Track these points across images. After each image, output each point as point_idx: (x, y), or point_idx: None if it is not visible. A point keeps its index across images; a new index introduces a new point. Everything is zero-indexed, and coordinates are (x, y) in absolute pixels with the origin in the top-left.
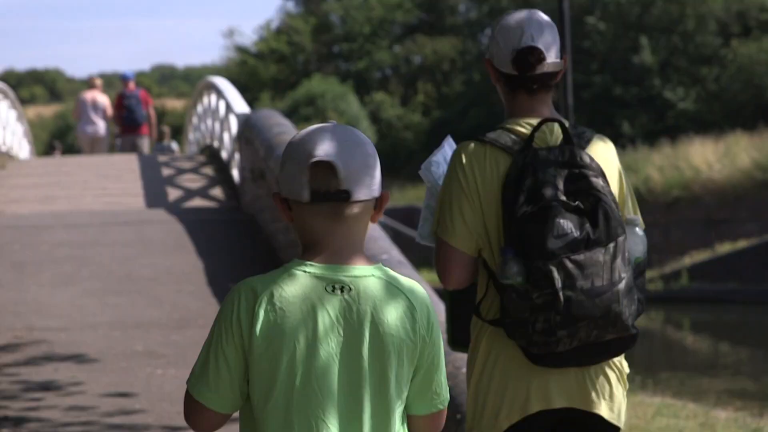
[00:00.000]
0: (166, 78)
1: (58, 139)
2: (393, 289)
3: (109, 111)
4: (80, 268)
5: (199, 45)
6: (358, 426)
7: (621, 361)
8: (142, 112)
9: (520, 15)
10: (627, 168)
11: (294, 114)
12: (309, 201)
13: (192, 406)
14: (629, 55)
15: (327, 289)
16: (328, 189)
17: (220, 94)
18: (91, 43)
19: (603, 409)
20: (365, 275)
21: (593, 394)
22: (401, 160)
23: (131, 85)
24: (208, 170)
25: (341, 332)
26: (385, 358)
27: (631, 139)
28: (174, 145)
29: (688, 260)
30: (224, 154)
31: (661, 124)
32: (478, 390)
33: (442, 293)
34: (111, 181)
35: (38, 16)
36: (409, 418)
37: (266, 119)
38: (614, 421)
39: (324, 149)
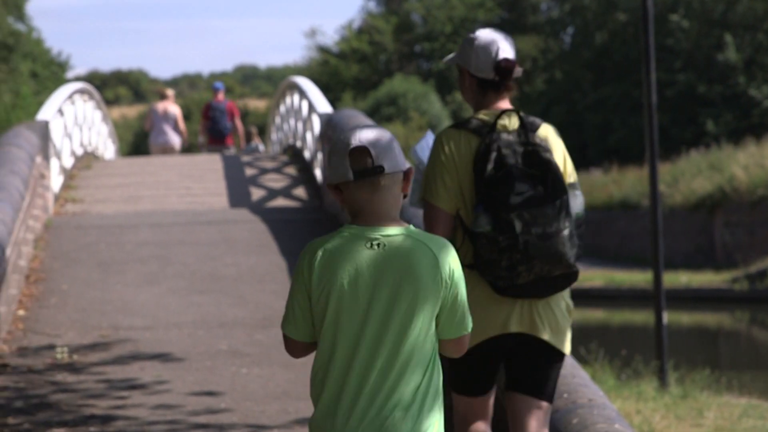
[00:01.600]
0: (248, 78)
1: (141, 140)
2: (419, 243)
3: (181, 122)
4: (165, 268)
5: (281, 45)
6: (385, 347)
7: (567, 300)
8: (226, 123)
9: (491, 33)
10: (711, 167)
11: (376, 114)
12: (353, 179)
13: (284, 340)
14: (713, 52)
15: (365, 245)
16: (366, 167)
17: (302, 94)
18: (174, 43)
19: (547, 335)
20: (396, 234)
21: (540, 323)
22: None
23: (220, 95)
24: (291, 170)
25: (376, 278)
26: (412, 298)
27: (716, 137)
28: (261, 147)
29: None
30: (307, 154)
31: (746, 122)
32: None
33: None
34: (194, 181)
35: (122, 17)
36: (441, 341)
37: (348, 119)
38: (558, 346)
39: (357, 138)
